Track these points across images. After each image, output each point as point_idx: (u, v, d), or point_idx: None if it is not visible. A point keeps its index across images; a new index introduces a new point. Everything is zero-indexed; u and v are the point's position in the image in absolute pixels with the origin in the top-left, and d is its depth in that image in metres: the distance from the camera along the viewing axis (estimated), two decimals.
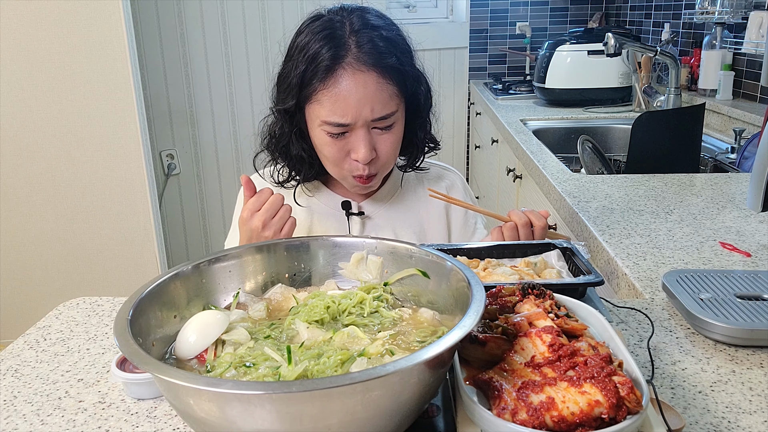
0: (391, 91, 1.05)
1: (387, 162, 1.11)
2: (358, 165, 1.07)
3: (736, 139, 1.99)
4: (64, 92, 2.46)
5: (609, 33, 2.21)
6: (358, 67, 1.02)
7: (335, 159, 1.08)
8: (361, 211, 1.18)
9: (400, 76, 1.07)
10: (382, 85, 1.04)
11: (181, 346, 0.67)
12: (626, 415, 0.53)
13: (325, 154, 1.09)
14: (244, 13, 3.05)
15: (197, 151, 3.17)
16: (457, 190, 1.25)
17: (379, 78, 1.03)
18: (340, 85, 1.02)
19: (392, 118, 1.07)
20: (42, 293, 2.65)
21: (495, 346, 0.62)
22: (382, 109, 1.04)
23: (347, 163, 1.08)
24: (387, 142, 1.08)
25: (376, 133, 1.07)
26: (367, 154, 1.05)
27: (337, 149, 1.07)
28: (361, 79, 1.02)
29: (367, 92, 1.02)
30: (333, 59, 1.02)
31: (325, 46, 1.02)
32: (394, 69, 1.05)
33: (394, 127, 1.08)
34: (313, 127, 1.08)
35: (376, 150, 1.07)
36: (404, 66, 1.07)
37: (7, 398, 0.76)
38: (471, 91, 3.72)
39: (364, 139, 1.05)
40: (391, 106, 1.05)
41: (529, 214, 1.08)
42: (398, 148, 1.12)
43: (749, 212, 1.33)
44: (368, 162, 1.07)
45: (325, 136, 1.06)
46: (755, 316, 0.82)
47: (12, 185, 2.55)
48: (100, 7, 2.38)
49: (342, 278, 0.81)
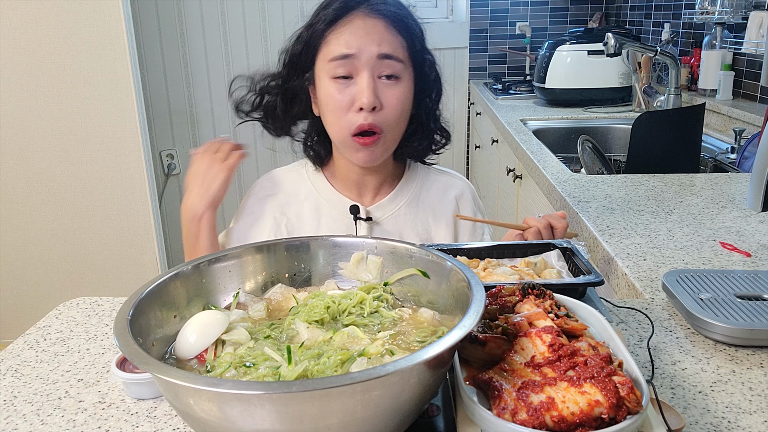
0: (399, 42, 1.07)
1: (391, 119, 1.07)
2: (360, 116, 1.05)
3: (736, 139, 1.99)
4: (64, 92, 2.46)
5: (609, 33, 2.21)
6: (369, 13, 1.05)
7: (339, 110, 1.06)
8: (369, 216, 1.18)
9: (409, 36, 1.08)
10: (390, 31, 1.06)
11: (181, 346, 0.67)
12: (626, 415, 0.53)
13: (330, 108, 1.07)
14: (244, 13, 3.05)
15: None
16: (466, 200, 1.24)
17: (387, 25, 1.06)
18: (349, 24, 1.05)
19: (399, 67, 1.06)
20: (42, 293, 2.65)
21: (495, 346, 0.62)
22: (390, 48, 1.05)
23: (350, 116, 1.06)
24: (392, 95, 1.06)
25: (382, 84, 1.06)
26: (371, 97, 1.03)
27: (341, 99, 1.05)
28: (370, 22, 1.05)
29: (375, 30, 1.05)
30: (344, 6, 1.05)
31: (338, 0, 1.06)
32: (404, 24, 1.07)
33: (401, 83, 1.07)
34: (321, 79, 1.08)
35: (380, 100, 1.05)
36: (413, 29, 1.10)
37: (7, 398, 0.76)
38: (471, 91, 3.72)
39: (368, 83, 1.04)
40: (398, 52, 1.06)
41: (548, 218, 1.08)
42: (403, 110, 1.09)
43: (749, 212, 1.33)
44: (372, 109, 1.05)
45: (330, 85, 1.06)
46: (755, 316, 0.82)
47: (12, 185, 2.55)
48: (100, 7, 2.39)
49: (342, 278, 0.81)
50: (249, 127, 1.20)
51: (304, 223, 1.18)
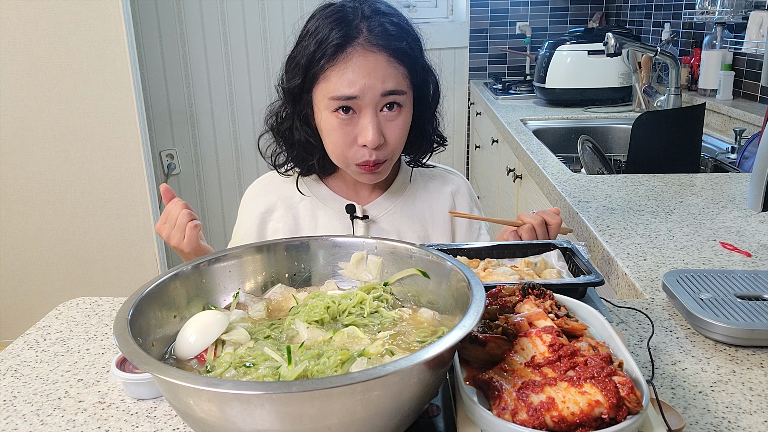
0: (401, 73, 1.04)
1: (395, 149, 1.08)
2: (364, 152, 1.05)
3: (736, 139, 1.99)
4: (64, 92, 2.46)
5: (609, 33, 2.21)
6: (369, 48, 1.02)
7: (342, 145, 1.06)
8: (365, 215, 1.18)
9: (411, 62, 1.06)
10: (392, 65, 1.03)
11: (181, 346, 0.67)
12: (626, 415, 0.53)
13: (331, 140, 1.07)
14: (244, 13, 3.05)
15: (197, 151, 3.17)
16: (462, 196, 1.24)
17: (389, 58, 1.03)
18: (350, 61, 1.01)
19: (402, 98, 1.05)
20: (42, 293, 2.65)
21: (495, 346, 0.62)
22: (394, 84, 1.03)
23: (353, 150, 1.06)
24: (395, 127, 1.06)
25: (384, 117, 1.05)
26: (375, 136, 1.03)
27: (344, 134, 1.04)
28: (371, 58, 1.02)
29: (377, 68, 1.02)
30: (343, 39, 1.01)
31: (336, 28, 1.02)
32: (405, 53, 1.05)
33: (403, 111, 1.06)
34: (320, 110, 1.06)
35: (383, 135, 1.05)
36: (414, 52, 1.07)
37: (7, 398, 0.76)
38: (471, 91, 3.72)
39: (371, 122, 1.03)
40: (401, 85, 1.04)
41: (542, 214, 1.08)
42: (405, 136, 1.09)
43: (749, 212, 1.33)
44: (376, 147, 1.04)
45: (332, 119, 1.04)
46: (755, 316, 0.82)
47: (12, 185, 2.55)
48: (100, 7, 2.39)
49: (342, 278, 0.81)
50: (249, 126, 1.20)
51: (301, 224, 1.18)
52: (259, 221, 1.18)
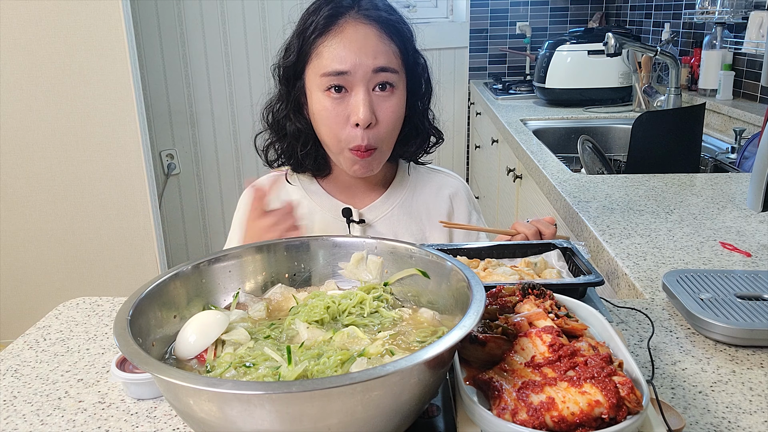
0: (392, 51, 1.04)
1: (387, 133, 1.07)
2: (356, 133, 1.04)
3: (736, 139, 1.99)
4: (64, 92, 2.46)
5: (609, 33, 2.21)
6: (360, 20, 1.02)
7: (334, 126, 1.05)
8: (362, 219, 1.17)
9: (401, 40, 1.06)
10: (383, 39, 1.03)
11: (181, 346, 0.67)
12: (626, 415, 0.53)
13: (324, 123, 1.06)
14: (244, 13, 3.05)
15: (197, 151, 3.17)
16: (460, 199, 1.23)
17: (380, 32, 1.03)
18: (341, 34, 1.02)
19: (394, 78, 1.04)
20: (42, 293, 2.65)
21: (495, 346, 0.62)
22: (385, 60, 1.03)
23: (346, 132, 1.05)
24: (387, 108, 1.05)
25: (376, 97, 1.04)
26: (367, 114, 1.02)
27: (336, 114, 1.04)
28: (362, 31, 1.02)
29: (368, 42, 1.02)
30: (335, 10, 1.03)
31: (328, 5, 1.04)
32: (396, 29, 1.05)
33: (396, 93, 1.06)
34: (313, 92, 1.06)
35: (376, 116, 1.04)
36: (404, 32, 1.07)
37: (7, 398, 0.76)
38: (471, 91, 3.72)
39: (363, 99, 1.02)
40: (393, 63, 1.04)
41: (537, 224, 1.06)
42: (398, 122, 1.08)
43: (749, 212, 1.33)
44: (368, 126, 1.03)
45: (325, 100, 1.04)
46: (755, 316, 0.82)
47: (12, 185, 2.55)
48: (100, 7, 2.39)
49: (342, 278, 0.81)
50: (249, 126, 1.20)
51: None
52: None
